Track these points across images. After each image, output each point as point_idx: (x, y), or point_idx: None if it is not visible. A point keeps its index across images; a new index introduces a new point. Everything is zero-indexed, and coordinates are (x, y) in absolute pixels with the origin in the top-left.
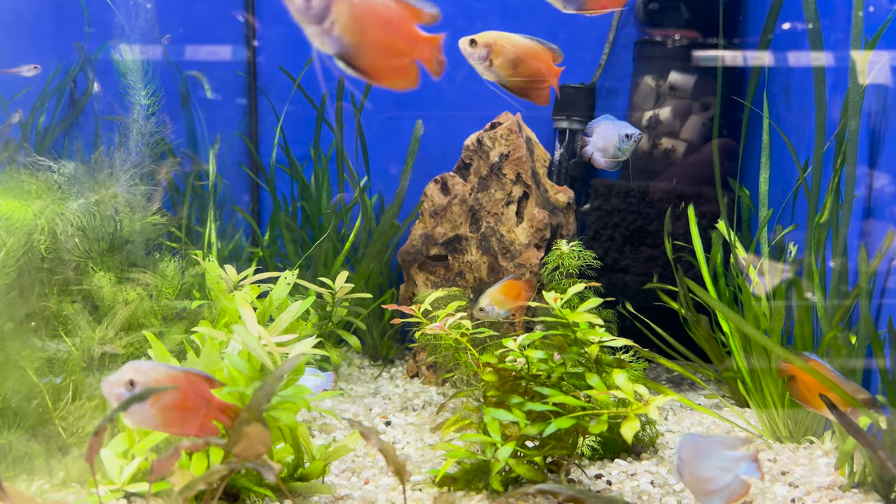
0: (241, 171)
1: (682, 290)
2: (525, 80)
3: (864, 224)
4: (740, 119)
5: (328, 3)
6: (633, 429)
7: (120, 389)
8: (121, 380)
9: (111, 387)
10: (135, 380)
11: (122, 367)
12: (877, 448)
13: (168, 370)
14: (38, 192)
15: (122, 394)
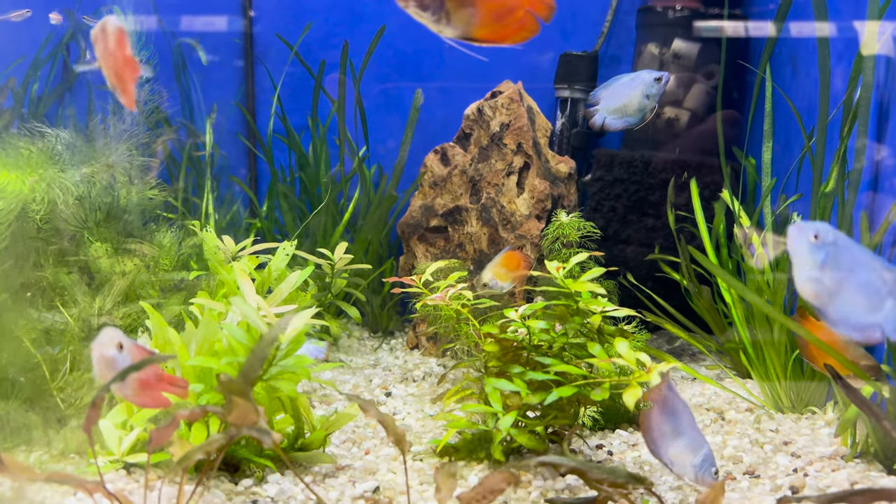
0: (238, 142)
1: (684, 261)
2: (495, 16)
3: (868, 196)
4: (744, 87)
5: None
6: (636, 396)
7: (111, 351)
8: (113, 339)
9: (102, 348)
10: (122, 342)
11: (103, 331)
12: (881, 417)
13: (132, 343)
14: (34, 160)
15: (113, 355)
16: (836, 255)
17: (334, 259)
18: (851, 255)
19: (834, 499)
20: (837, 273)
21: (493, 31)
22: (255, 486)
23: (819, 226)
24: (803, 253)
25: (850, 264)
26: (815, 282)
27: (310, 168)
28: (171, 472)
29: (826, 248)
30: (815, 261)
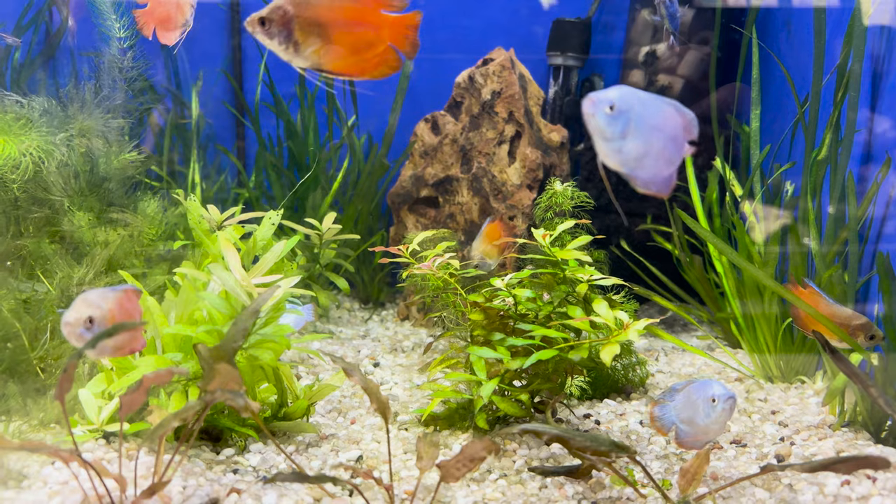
0: (225, 110)
1: (676, 231)
2: (352, 49)
3: (862, 169)
4: (739, 54)
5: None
6: (613, 353)
7: (81, 329)
8: (80, 318)
9: (71, 327)
10: (92, 315)
11: (74, 304)
12: (868, 385)
13: (113, 293)
14: (13, 127)
15: (83, 333)
16: (636, 120)
17: (322, 229)
18: (651, 114)
19: (818, 466)
20: (639, 139)
21: (349, 65)
22: (236, 455)
23: (613, 95)
24: (601, 126)
25: (650, 125)
26: (618, 152)
27: (298, 137)
28: (150, 440)
29: (623, 117)
30: (615, 132)
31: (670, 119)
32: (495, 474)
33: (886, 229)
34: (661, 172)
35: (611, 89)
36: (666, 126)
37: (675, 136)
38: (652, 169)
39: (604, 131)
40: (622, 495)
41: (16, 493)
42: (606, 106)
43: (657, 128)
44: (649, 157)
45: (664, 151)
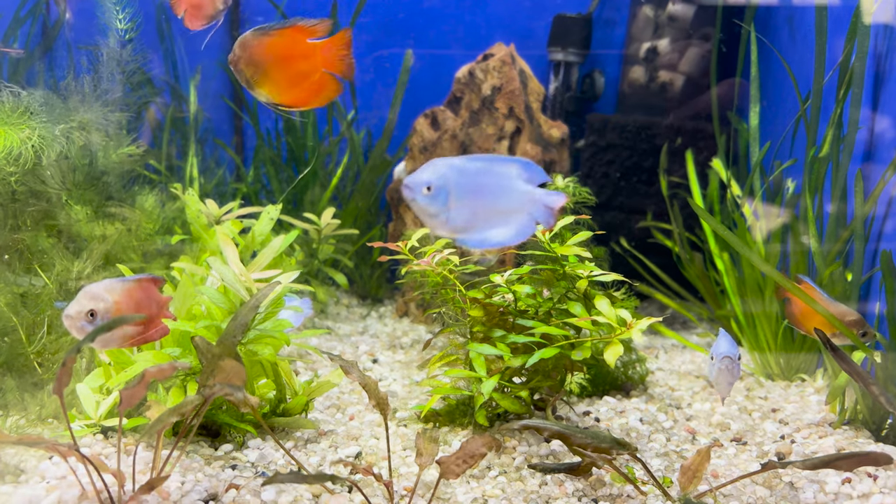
0: (224, 105)
1: (676, 228)
2: (290, 82)
3: (863, 167)
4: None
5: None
6: (616, 353)
7: (82, 322)
8: (81, 312)
9: (73, 321)
10: (94, 309)
11: (77, 297)
12: (869, 382)
13: (122, 283)
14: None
15: (84, 326)
16: (456, 191)
17: (321, 224)
18: (472, 180)
19: (819, 463)
20: (463, 208)
21: (293, 97)
22: (235, 451)
23: (427, 176)
24: (424, 207)
25: (472, 191)
26: (445, 223)
27: (297, 132)
28: (148, 435)
29: (442, 193)
30: (438, 208)
31: (500, 177)
32: (495, 471)
33: (887, 228)
34: (493, 233)
35: (424, 169)
36: (495, 185)
37: (509, 189)
38: (483, 230)
39: (428, 211)
40: (622, 492)
41: (13, 487)
42: (423, 188)
43: (481, 190)
44: (479, 219)
45: (495, 210)
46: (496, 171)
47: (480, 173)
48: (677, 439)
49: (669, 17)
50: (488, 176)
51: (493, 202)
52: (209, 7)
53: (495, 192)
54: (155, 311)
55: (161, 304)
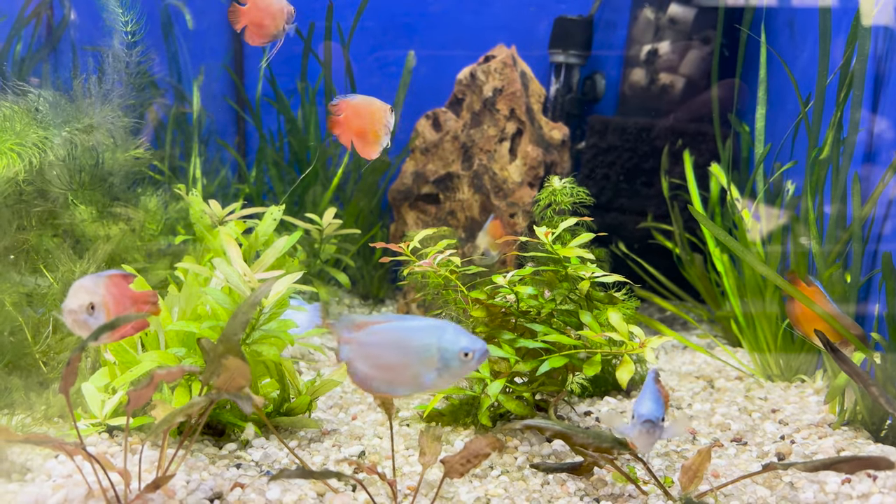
0: (227, 105)
1: (677, 229)
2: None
3: (863, 169)
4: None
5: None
6: (630, 372)
7: (84, 315)
8: (82, 305)
9: (75, 314)
10: (93, 302)
11: (73, 291)
12: (869, 383)
13: (102, 278)
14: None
15: (86, 319)
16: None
17: (323, 224)
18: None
19: (820, 465)
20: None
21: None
22: (239, 450)
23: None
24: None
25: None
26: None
27: (299, 133)
28: (153, 434)
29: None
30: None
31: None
32: (497, 471)
33: (886, 229)
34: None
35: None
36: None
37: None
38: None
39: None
40: (624, 492)
41: (20, 486)
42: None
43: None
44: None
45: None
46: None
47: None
48: (678, 439)
49: (670, 20)
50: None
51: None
52: (271, 27)
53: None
54: (130, 306)
55: (134, 299)
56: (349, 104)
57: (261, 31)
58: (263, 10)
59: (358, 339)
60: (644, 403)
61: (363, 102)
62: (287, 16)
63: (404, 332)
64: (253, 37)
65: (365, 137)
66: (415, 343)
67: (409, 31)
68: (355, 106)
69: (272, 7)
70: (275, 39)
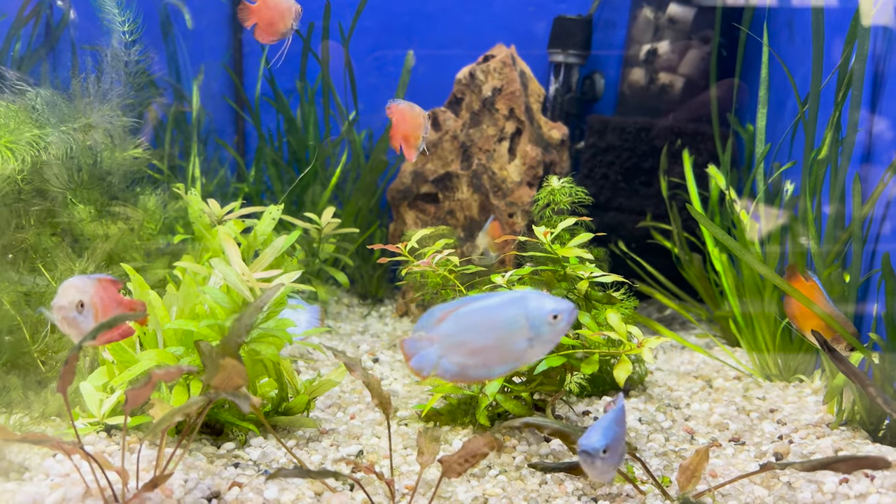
0: (226, 105)
1: (675, 229)
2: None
3: (861, 168)
4: (743, 54)
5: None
6: (627, 371)
7: (73, 313)
8: (73, 302)
9: (65, 311)
10: (82, 300)
11: (63, 288)
12: (866, 383)
13: (91, 280)
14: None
15: (75, 317)
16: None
17: (321, 224)
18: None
19: (818, 465)
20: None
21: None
22: (237, 449)
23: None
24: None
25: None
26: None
27: (298, 132)
28: (152, 434)
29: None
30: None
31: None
32: (495, 470)
33: (884, 230)
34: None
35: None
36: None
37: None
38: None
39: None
40: (621, 492)
41: (17, 484)
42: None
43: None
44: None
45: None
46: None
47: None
48: (676, 439)
49: (669, 20)
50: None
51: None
52: (280, 24)
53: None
54: (117, 311)
55: (122, 305)
56: (397, 108)
57: (270, 29)
58: (273, 8)
59: (442, 332)
60: (589, 434)
61: (406, 108)
62: (295, 14)
63: (489, 309)
64: (262, 35)
65: (407, 141)
66: (501, 318)
67: (408, 30)
68: (401, 110)
69: (281, 5)
70: (283, 38)
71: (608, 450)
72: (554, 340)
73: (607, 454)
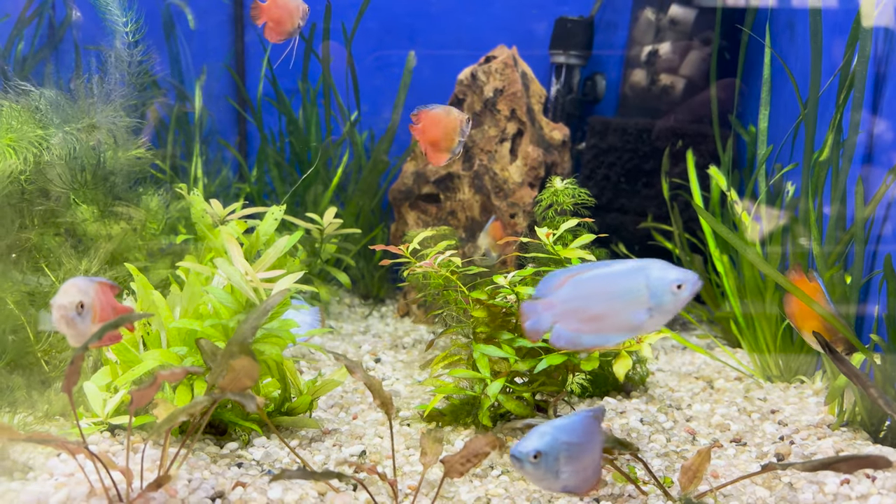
0: (228, 105)
1: (676, 230)
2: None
3: (863, 169)
4: (745, 56)
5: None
6: (626, 367)
7: (72, 313)
8: (73, 302)
9: (65, 310)
10: (83, 301)
11: (64, 288)
12: (868, 385)
13: (92, 283)
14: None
15: (73, 317)
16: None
17: (323, 224)
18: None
19: (819, 465)
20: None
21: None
22: (240, 449)
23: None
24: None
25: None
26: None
27: (300, 133)
28: (156, 434)
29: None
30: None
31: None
32: (497, 470)
33: (885, 231)
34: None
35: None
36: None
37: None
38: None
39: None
40: (624, 492)
41: (22, 484)
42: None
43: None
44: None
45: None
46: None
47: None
48: (677, 440)
49: (671, 21)
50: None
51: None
52: (288, 23)
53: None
54: (112, 316)
55: (118, 310)
56: (427, 114)
57: (279, 28)
58: (282, 6)
59: (561, 296)
60: (524, 440)
61: (441, 112)
62: (302, 13)
63: (610, 277)
64: (271, 33)
65: (437, 145)
66: (622, 285)
67: (409, 31)
68: (433, 116)
69: (290, 4)
70: (291, 37)
71: (540, 456)
72: (674, 311)
73: (539, 460)
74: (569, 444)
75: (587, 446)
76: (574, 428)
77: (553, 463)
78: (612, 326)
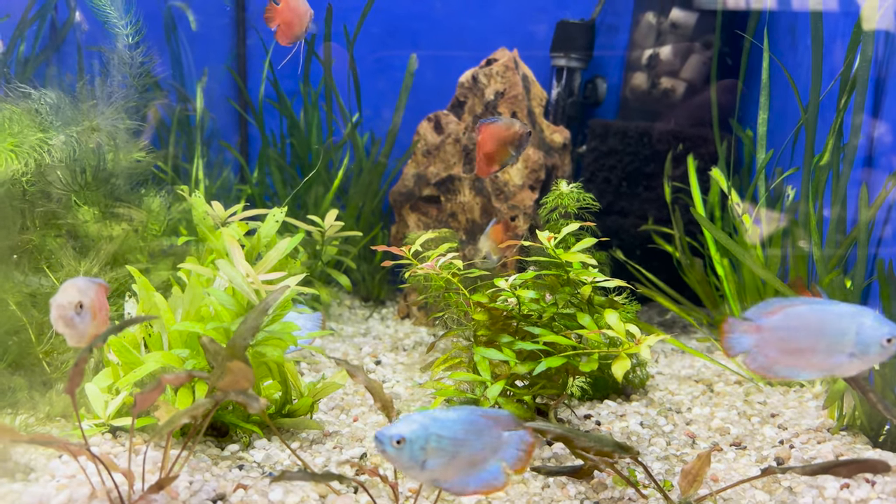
0: (229, 107)
1: (677, 233)
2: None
3: (863, 173)
4: (746, 59)
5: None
6: (624, 367)
7: (71, 313)
8: (72, 302)
9: (64, 310)
10: (82, 301)
11: (64, 287)
12: (867, 390)
13: (92, 284)
14: (19, 120)
15: (72, 317)
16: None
17: (324, 226)
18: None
19: (818, 469)
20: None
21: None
22: (241, 451)
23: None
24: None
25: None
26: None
27: (301, 134)
28: (157, 435)
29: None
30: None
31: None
32: None
33: (885, 234)
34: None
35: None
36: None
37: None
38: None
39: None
40: (624, 496)
41: (23, 485)
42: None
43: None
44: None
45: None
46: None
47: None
48: (677, 443)
49: (672, 24)
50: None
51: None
52: (298, 27)
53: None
54: (105, 317)
55: (105, 310)
56: (487, 128)
57: (289, 31)
58: (293, 10)
59: (771, 324)
60: (396, 422)
61: (502, 127)
62: (310, 17)
63: (823, 316)
64: (282, 36)
65: (492, 157)
66: (833, 326)
67: (411, 33)
68: (491, 130)
69: (300, 8)
70: (298, 40)
71: (404, 442)
72: (876, 362)
73: (402, 447)
74: (440, 437)
75: (468, 444)
76: (452, 423)
77: (419, 452)
78: (811, 363)
